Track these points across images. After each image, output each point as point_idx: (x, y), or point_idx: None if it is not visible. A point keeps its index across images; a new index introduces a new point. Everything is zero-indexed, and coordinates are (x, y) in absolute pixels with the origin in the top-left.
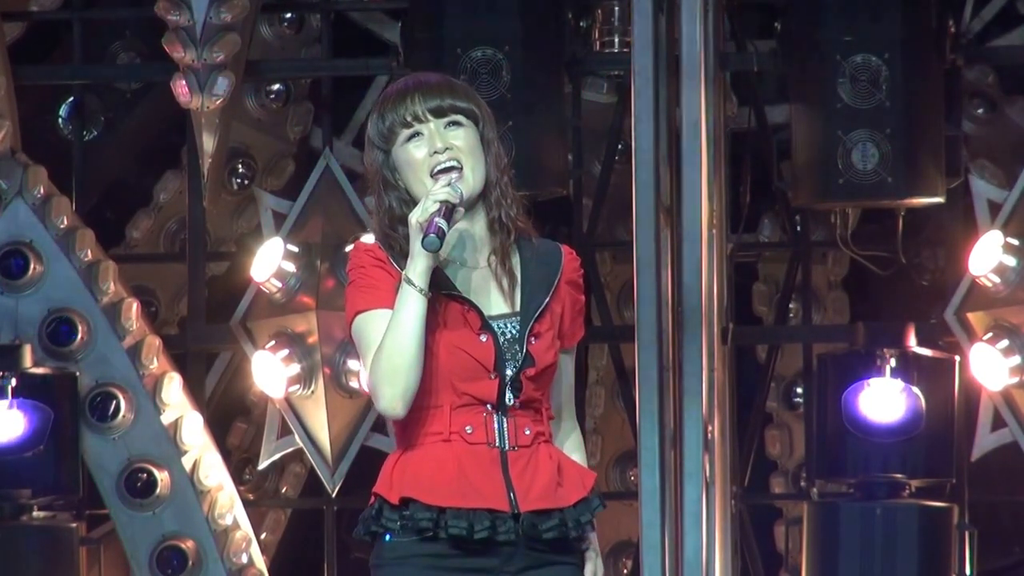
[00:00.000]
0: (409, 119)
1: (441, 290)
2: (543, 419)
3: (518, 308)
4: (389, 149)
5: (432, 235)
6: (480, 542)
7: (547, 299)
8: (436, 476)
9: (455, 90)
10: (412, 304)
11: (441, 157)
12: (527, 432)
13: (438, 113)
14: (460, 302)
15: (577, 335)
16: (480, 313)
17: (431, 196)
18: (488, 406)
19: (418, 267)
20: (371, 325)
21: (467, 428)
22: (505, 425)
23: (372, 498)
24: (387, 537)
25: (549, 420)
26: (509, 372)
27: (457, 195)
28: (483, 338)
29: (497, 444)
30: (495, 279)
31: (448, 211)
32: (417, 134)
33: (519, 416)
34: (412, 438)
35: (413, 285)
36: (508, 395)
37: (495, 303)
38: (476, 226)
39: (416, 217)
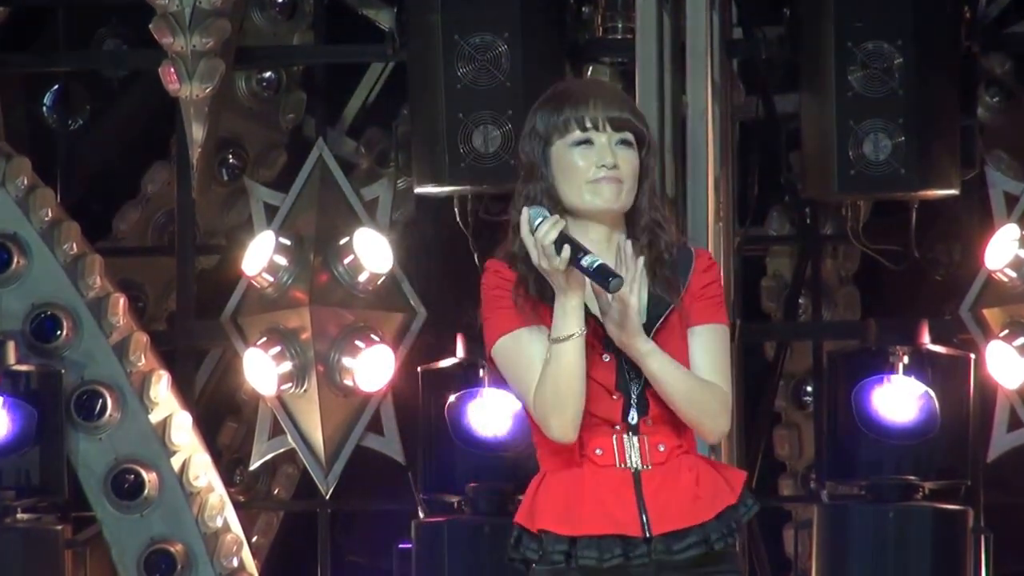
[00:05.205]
0: (588, 124)
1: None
2: (684, 431)
3: (644, 322)
4: (552, 142)
5: (614, 279)
6: (613, 570)
7: (668, 311)
8: (568, 503)
9: (632, 107)
10: (569, 350)
11: (607, 172)
12: (661, 448)
13: (616, 126)
14: (591, 316)
15: (706, 316)
16: (605, 331)
17: (542, 239)
18: (617, 426)
19: (570, 311)
20: (515, 349)
21: (597, 451)
22: (636, 444)
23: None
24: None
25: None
26: (634, 391)
27: (553, 217)
28: (605, 357)
29: (628, 465)
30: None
31: (572, 241)
32: (588, 141)
33: (652, 433)
34: (550, 461)
35: (569, 338)
36: (634, 414)
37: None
38: (615, 243)
39: (549, 264)
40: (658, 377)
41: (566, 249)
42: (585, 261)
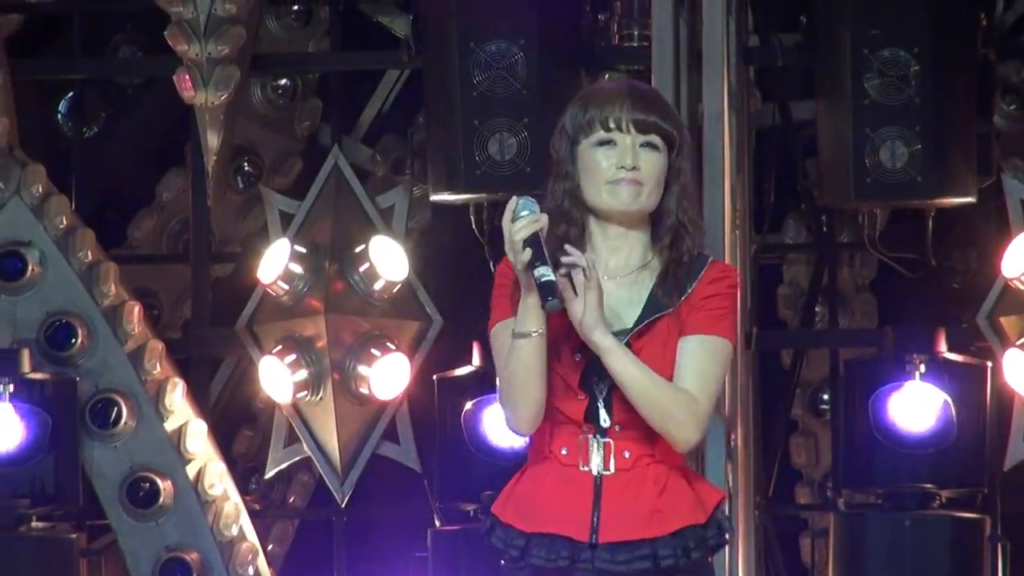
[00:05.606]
0: (611, 124)
1: (561, 303)
2: (657, 440)
3: (631, 325)
4: (579, 141)
5: (552, 299)
6: (562, 572)
7: (656, 316)
8: (532, 500)
9: (663, 110)
10: (526, 347)
11: (626, 174)
12: (627, 455)
13: (640, 128)
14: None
15: (702, 326)
16: None
17: (513, 234)
18: (584, 427)
19: (531, 309)
20: (498, 339)
21: (563, 450)
22: (602, 448)
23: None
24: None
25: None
26: (600, 393)
27: (534, 208)
28: (577, 357)
29: (590, 467)
30: (629, 293)
31: (538, 247)
32: (611, 142)
33: (619, 438)
34: (530, 455)
35: (528, 336)
36: (599, 416)
37: (618, 319)
38: (633, 240)
39: (514, 259)
40: (618, 375)
41: (528, 252)
42: (537, 271)
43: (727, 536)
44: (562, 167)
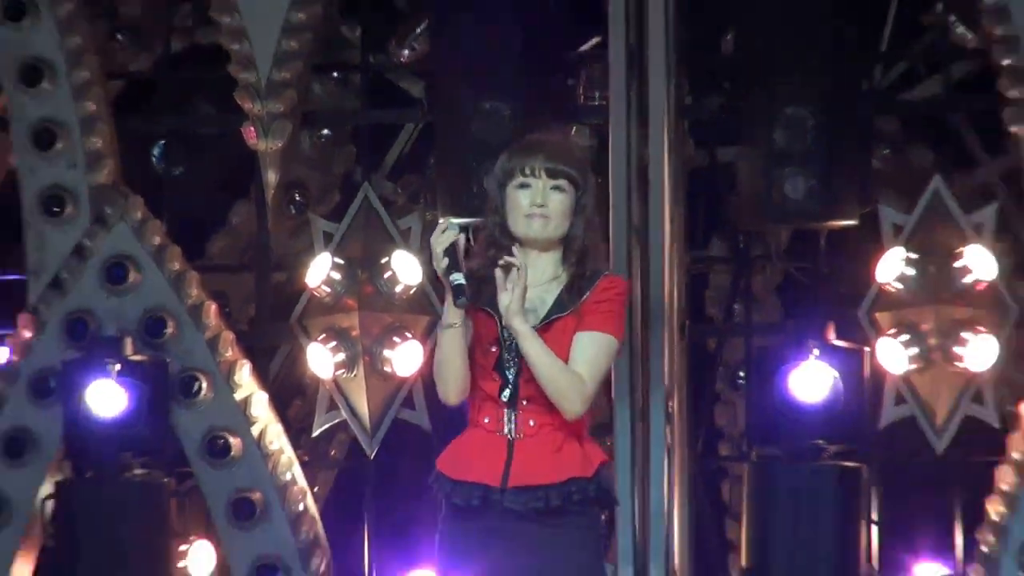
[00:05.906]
0: (528, 171)
1: (480, 303)
2: (554, 411)
3: (539, 321)
4: (506, 184)
5: (461, 298)
6: (476, 511)
7: (553, 318)
8: (461, 455)
9: (571, 158)
10: (448, 336)
11: (536, 209)
12: (531, 423)
13: (550, 174)
14: (491, 316)
15: (593, 325)
16: (499, 327)
17: (434, 244)
18: (499, 402)
19: (451, 308)
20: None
21: (485, 419)
22: (513, 418)
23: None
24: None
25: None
26: (510, 375)
27: (455, 229)
28: (492, 348)
29: (505, 433)
30: (540, 298)
31: (454, 257)
32: (527, 185)
33: (526, 411)
34: (470, 421)
35: (449, 327)
36: (508, 393)
37: (532, 315)
38: (546, 260)
39: (436, 266)
40: (528, 355)
41: (446, 260)
42: (452, 276)
43: (611, 494)
44: (493, 204)
